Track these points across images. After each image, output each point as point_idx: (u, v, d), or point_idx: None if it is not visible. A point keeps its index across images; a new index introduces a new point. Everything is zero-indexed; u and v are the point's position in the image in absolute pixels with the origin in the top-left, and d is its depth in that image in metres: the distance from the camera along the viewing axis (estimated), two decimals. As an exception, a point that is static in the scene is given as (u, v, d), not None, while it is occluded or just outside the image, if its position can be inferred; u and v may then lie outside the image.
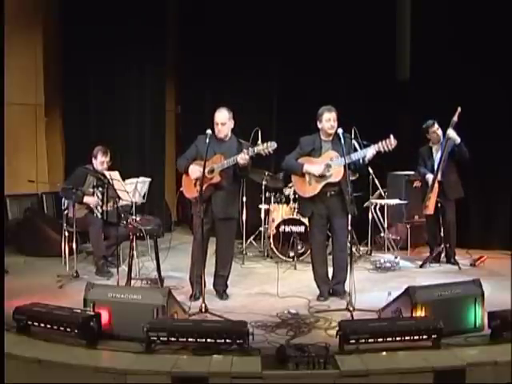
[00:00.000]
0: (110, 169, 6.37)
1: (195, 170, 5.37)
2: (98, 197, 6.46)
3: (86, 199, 6.43)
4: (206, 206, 5.27)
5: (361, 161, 5.29)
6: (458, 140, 6.50)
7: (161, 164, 9.27)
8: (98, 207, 6.45)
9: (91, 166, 6.59)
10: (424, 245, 7.55)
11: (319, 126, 5.45)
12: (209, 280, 5.49)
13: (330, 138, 5.43)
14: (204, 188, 5.20)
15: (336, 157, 5.29)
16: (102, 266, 6.39)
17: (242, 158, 5.18)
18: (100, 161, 6.53)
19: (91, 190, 6.49)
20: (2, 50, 6.11)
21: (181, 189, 5.70)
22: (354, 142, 5.54)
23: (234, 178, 5.45)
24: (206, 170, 5.22)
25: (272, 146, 5.15)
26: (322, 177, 5.36)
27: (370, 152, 5.21)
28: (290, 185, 6.93)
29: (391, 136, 5.13)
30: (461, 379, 3.79)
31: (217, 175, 5.29)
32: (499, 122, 7.51)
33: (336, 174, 5.31)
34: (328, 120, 5.35)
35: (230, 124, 5.45)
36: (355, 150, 5.41)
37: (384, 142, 5.15)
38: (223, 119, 5.40)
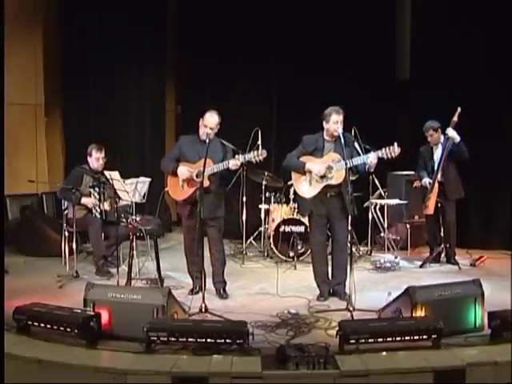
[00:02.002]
0: (109, 168, 6.36)
1: (184, 172, 5.40)
2: (94, 197, 6.45)
3: (84, 200, 6.41)
4: (193, 208, 5.33)
5: (366, 167, 5.28)
6: (458, 139, 6.49)
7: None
8: (96, 207, 6.44)
9: (87, 166, 6.59)
10: (424, 245, 7.55)
11: (325, 126, 5.41)
12: (209, 280, 5.51)
13: (333, 139, 5.42)
14: (192, 191, 5.33)
15: (338, 159, 5.28)
16: (102, 266, 6.39)
17: (235, 164, 5.23)
18: (95, 157, 6.53)
19: (88, 190, 6.48)
20: (2, 49, 6.11)
21: (166, 189, 5.72)
22: (355, 144, 5.52)
23: (220, 181, 5.50)
24: (194, 174, 5.30)
25: (263, 154, 5.20)
26: (322, 177, 5.35)
27: (372, 158, 5.17)
28: (291, 182, 6.83)
29: (395, 144, 5.10)
30: (461, 379, 3.79)
31: (206, 179, 5.28)
32: (499, 121, 7.50)
33: (337, 177, 5.29)
34: (336, 122, 5.31)
35: (216, 129, 5.47)
36: (358, 153, 5.40)
37: (387, 148, 5.11)
38: (213, 124, 5.40)
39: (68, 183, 6.51)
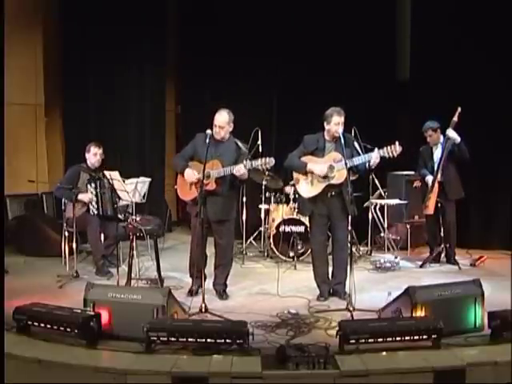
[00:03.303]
0: (109, 168, 6.37)
1: (191, 175, 5.37)
2: (91, 192, 6.46)
3: (80, 196, 6.41)
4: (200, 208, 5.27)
5: (367, 166, 5.28)
6: (458, 139, 6.50)
7: (161, 164, 9.27)
8: (93, 203, 6.45)
9: (84, 164, 6.62)
10: (424, 245, 7.55)
11: (326, 127, 5.40)
12: (208, 280, 5.50)
13: (334, 140, 5.40)
14: (199, 192, 5.24)
15: (340, 159, 5.27)
16: (102, 266, 6.39)
17: (238, 171, 5.18)
18: (93, 153, 6.55)
19: (85, 185, 6.48)
20: (2, 49, 6.11)
21: (175, 187, 5.71)
22: (355, 144, 5.52)
23: (230, 184, 5.43)
24: (202, 175, 5.24)
25: (270, 162, 5.13)
26: (324, 177, 5.35)
27: (374, 157, 5.17)
28: (292, 183, 6.79)
29: (396, 142, 5.11)
30: (461, 379, 3.79)
31: (212, 182, 5.26)
32: (499, 121, 7.51)
33: (339, 177, 5.29)
34: (337, 123, 5.30)
35: (229, 128, 5.42)
36: (358, 153, 5.39)
37: (389, 147, 5.12)
38: (222, 122, 5.36)
39: (65, 181, 6.53)
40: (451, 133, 6.47)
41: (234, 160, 5.33)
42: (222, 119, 5.36)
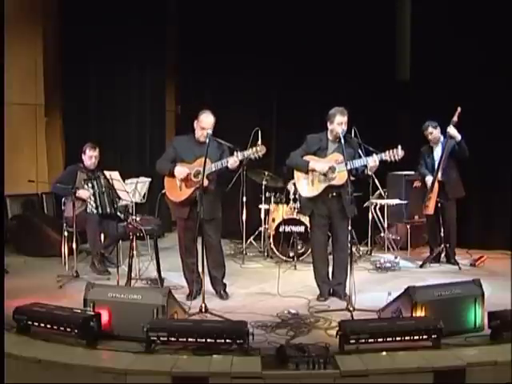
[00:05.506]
0: (109, 168, 6.37)
1: (181, 170, 5.31)
2: (88, 190, 6.48)
3: (79, 193, 6.42)
4: (192, 209, 5.26)
5: (366, 171, 5.27)
6: (459, 137, 6.50)
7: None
8: (91, 201, 6.47)
9: (82, 164, 6.64)
10: (424, 245, 7.55)
11: (329, 126, 5.38)
12: (206, 280, 5.49)
13: (337, 140, 5.37)
14: (191, 191, 5.26)
15: (341, 160, 5.24)
16: (99, 263, 6.41)
17: (234, 162, 5.17)
18: (88, 155, 6.57)
19: (82, 185, 6.50)
20: (2, 49, 6.11)
21: (163, 191, 5.60)
22: (359, 148, 5.50)
23: (217, 181, 5.43)
24: (192, 173, 5.25)
25: (262, 149, 5.13)
26: (325, 177, 5.34)
27: (371, 161, 5.16)
28: (293, 181, 6.75)
29: (399, 147, 5.09)
30: (461, 379, 3.79)
31: (205, 179, 5.24)
32: (499, 121, 7.51)
33: (340, 178, 5.28)
34: (340, 124, 5.27)
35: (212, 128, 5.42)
36: (360, 156, 5.38)
37: (391, 151, 5.11)
38: (211, 125, 5.32)
39: (62, 179, 6.55)
40: (452, 130, 6.47)
41: (218, 156, 5.33)
42: (211, 121, 5.33)
